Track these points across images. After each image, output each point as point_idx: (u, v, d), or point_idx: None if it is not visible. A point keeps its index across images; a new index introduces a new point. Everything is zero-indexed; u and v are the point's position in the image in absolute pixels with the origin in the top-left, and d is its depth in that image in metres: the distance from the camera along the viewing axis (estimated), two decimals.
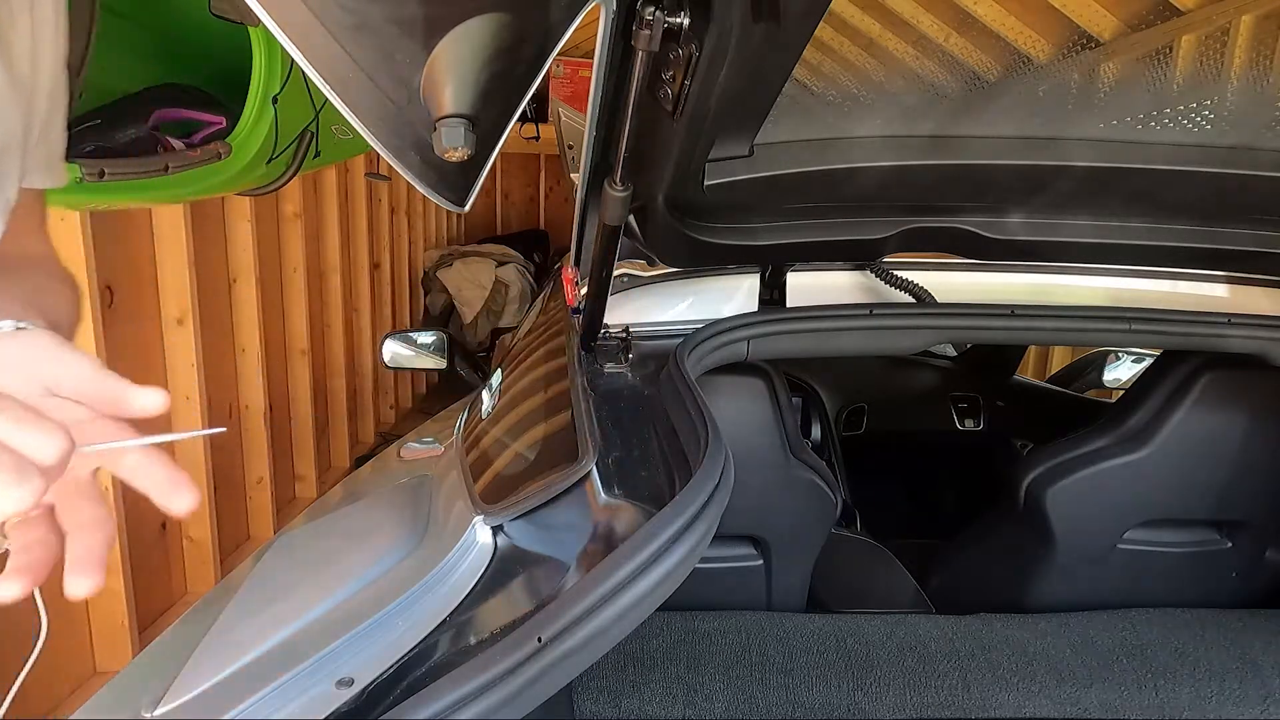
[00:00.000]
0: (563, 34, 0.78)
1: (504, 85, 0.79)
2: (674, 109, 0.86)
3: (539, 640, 0.64)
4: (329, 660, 0.72)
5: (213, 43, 2.01)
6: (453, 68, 0.74)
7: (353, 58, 0.72)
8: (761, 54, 0.81)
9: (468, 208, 0.90)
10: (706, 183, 1.09)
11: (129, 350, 2.52)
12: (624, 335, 1.35)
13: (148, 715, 0.69)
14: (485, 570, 0.84)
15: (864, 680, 1.29)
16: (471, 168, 0.86)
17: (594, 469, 0.94)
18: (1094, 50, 1.10)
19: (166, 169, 1.68)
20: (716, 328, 1.32)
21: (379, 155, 0.79)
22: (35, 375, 0.56)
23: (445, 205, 0.88)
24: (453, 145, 0.75)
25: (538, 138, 5.14)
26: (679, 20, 0.76)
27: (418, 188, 0.85)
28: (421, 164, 0.82)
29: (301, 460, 3.77)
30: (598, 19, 0.77)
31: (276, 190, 2.38)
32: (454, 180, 0.87)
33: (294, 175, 2.31)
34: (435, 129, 0.76)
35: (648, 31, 0.75)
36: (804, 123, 1.12)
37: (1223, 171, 1.18)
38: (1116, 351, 2.74)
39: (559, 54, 0.82)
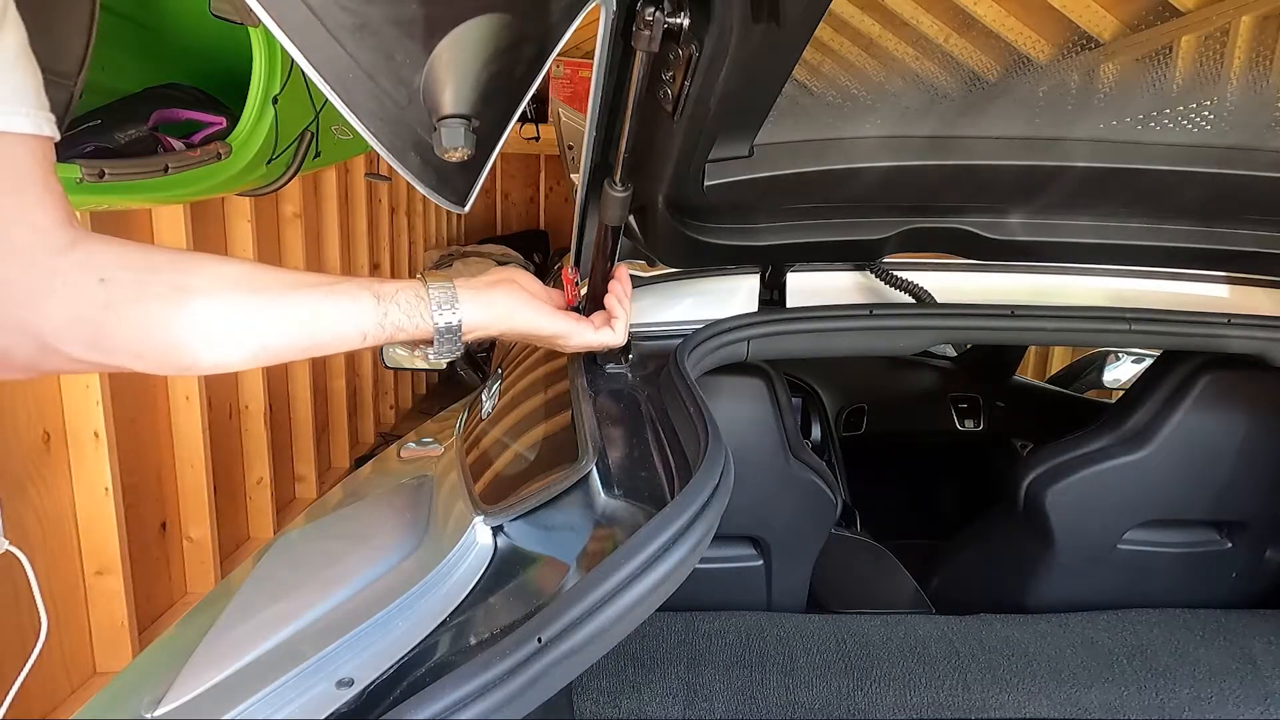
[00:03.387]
0: (562, 34, 0.78)
1: (504, 85, 0.79)
2: (674, 109, 0.86)
3: (539, 640, 0.64)
4: (329, 660, 0.72)
5: (213, 43, 2.01)
6: (453, 68, 0.74)
7: (353, 58, 0.72)
8: (761, 55, 0.81)
9: (468, 208, 0.90)
10: (706, 183, 1.09)
11: None
12: None
13: (148, 715, 0.69)
14: (485, 571, 0.84)
15: (864, 680, 1.30)
16: (472, 168, 0.86)
17: (594, 469, 0.94)
18: (1094, 51, 1.10)
19: (166, 169, 1.68)
20: (716, 328, 1.32)
21: (379, 155, 0.79)
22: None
23: (445, 206, 0.88)
24: (453, 145, 0.75)
25: (538, 138, 5.14)
26: (679, 21, 0.76)
27: (418, 188, 0.85)
28: (422, 164, 0.82)
29: (301, 461, 3.77)
30: (598, 19, 0.77)
31: (277, 191, 2.38)
32: (454, 181, 0.87)
33: (294, 176, 2.31)
34: (435, 129, 0.76)
35: (648, 32, 0.75)
36: (804, 123, 1.12)
37: (1223, 172, 1.18)
38: (1116, 351, 2.75)
39: (559, 54, 0.83)
